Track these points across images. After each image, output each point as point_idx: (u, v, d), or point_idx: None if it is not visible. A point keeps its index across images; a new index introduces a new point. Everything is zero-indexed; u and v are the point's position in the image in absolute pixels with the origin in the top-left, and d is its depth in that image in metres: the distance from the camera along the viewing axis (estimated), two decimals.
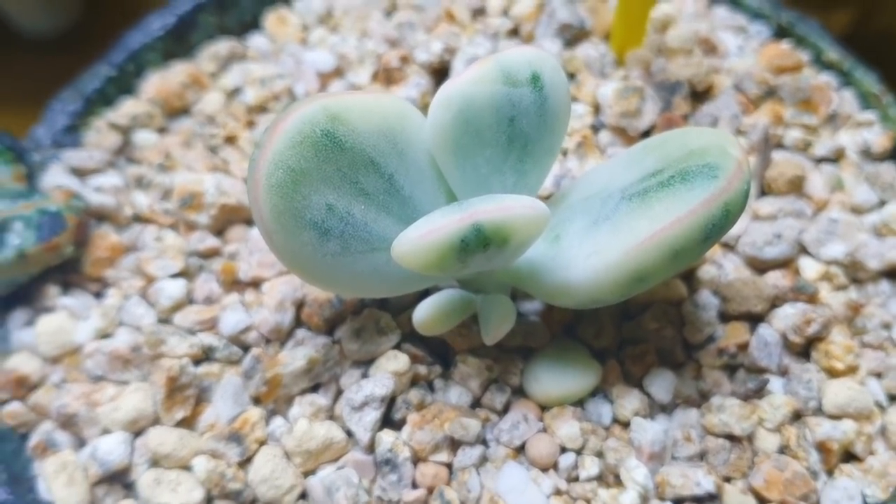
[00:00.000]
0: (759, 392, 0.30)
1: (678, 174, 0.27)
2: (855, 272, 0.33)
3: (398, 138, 0.27)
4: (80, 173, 0.35)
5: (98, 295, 0.33)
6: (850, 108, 0.37)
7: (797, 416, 0.30)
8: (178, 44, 0.39)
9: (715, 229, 0.26)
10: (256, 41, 0.41)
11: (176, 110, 0.38)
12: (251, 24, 0.42)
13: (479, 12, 0.40)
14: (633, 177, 0.28)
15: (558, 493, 0.28)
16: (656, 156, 0.28)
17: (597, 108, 0.36)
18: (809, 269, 0.33)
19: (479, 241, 0.24)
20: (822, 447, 0.29)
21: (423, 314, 0.28)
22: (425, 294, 0.29)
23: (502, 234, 0.25)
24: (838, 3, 0.57)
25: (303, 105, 0.26)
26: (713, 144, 0.27)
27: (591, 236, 0.28)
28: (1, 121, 0.38)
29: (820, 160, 0.36)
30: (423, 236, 0.25)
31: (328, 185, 0.26)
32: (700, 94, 0.37)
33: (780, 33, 0.40)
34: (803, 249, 0.33)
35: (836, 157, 0.36)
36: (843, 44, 0.40)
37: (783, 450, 0.29)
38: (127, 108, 0.37)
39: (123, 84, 0.38)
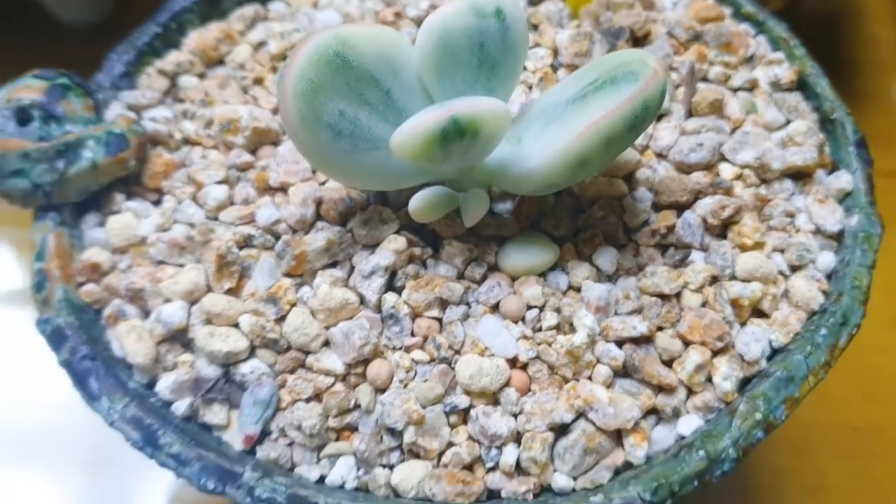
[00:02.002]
0: (684, 261, 0.37)
1: (609, 80, 0.34)
2: (763, 174, 0.40)
3: (393, 61, 0.34)
4: (136, 109, 0.41)
5: (156, 203, 0.39)
6: (764, 50, 0.45)
7: (714, 280, 0.36)
8: (212, 8, 0.46)
9: (638, 121, 0.33)
10: (276, 6, 0.47)
11: (212, 60, 0.44)
12: None
13: None
14: (577, 88, 0.35)
15: (525, 337, 0.34)
16: (595, 71, 0.35)
17: (555, 52, 0.43)
18: (726, 171, 0.40)
19: (457, 131, 0.31)
20: (734, 303, 0.36)
21: (417, 203, 0.35)
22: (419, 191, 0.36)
23: (474, 125, 0.31)
24: None
25: (319, 33, 0.33)
26: (636, 59, 0.34)
27: (544, 134, 0.35)
28: None
29: (737, 89, 0.43)
30: (413, 127, 0.31)
31: (339, 95, 0.33)
32: (639, 39, 0.44)
33: None
34: (722, 157, 0.40)
35: (751, 87, 0.43)
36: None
37: (704, 304, 0.36)
38: (172, 58, 0.43)
39: (169, 39, 0.44)
